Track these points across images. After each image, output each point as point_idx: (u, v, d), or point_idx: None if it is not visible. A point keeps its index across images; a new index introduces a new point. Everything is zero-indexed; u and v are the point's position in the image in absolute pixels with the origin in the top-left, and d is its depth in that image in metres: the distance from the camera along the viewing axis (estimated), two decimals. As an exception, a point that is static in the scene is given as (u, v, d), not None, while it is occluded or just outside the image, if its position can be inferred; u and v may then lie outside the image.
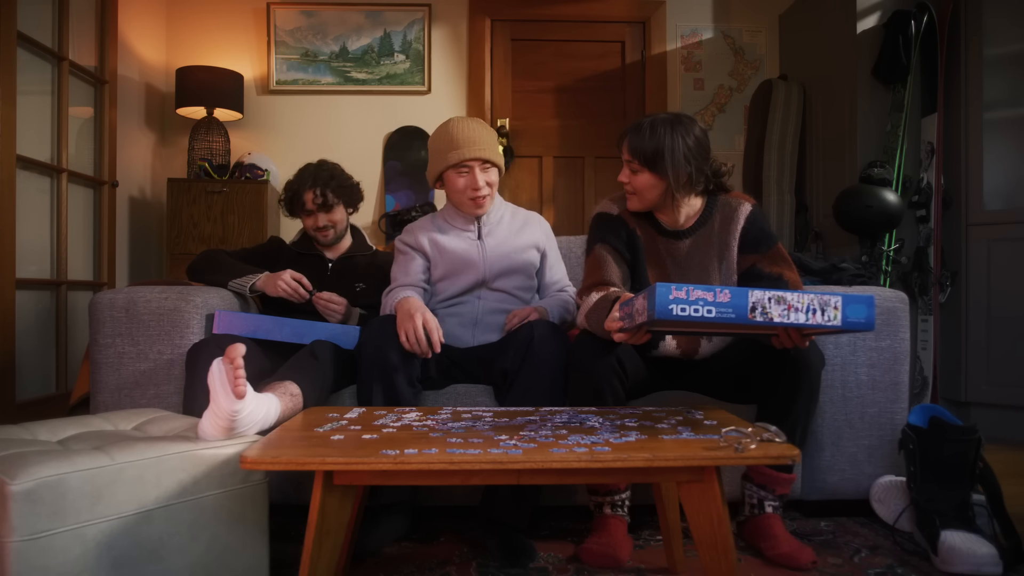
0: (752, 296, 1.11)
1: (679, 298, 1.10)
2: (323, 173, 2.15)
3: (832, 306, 1.13)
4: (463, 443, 1.13)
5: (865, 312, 1.13)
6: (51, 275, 2.91)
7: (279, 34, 3.86)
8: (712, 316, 1.10)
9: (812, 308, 1.12)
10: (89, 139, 3.23)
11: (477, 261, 1.88)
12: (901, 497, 1.67)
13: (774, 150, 3.53)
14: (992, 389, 2.82)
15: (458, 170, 1.84)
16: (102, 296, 1.82)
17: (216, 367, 1.26)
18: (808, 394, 1.56)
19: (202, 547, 1.23)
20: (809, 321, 1.12)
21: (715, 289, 1.11)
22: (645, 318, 1.17)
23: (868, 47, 3.10)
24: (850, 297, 1.14)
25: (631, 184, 1.66)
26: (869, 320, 1.13)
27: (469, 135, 1.83)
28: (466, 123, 1.86)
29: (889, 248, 2.99)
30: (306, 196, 2.13)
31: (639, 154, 1.61)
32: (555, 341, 1.60)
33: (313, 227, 2.15)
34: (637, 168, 1.63)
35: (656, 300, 1.10)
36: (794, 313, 1.12)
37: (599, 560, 1.49)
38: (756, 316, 1.10)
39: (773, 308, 1.11)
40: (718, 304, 1.10)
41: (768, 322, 1.11)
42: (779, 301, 1.11)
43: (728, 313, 1.10)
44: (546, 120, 4.01)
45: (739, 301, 1.11)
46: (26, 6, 2.69)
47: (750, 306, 1.11)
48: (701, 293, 1.10)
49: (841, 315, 1.13)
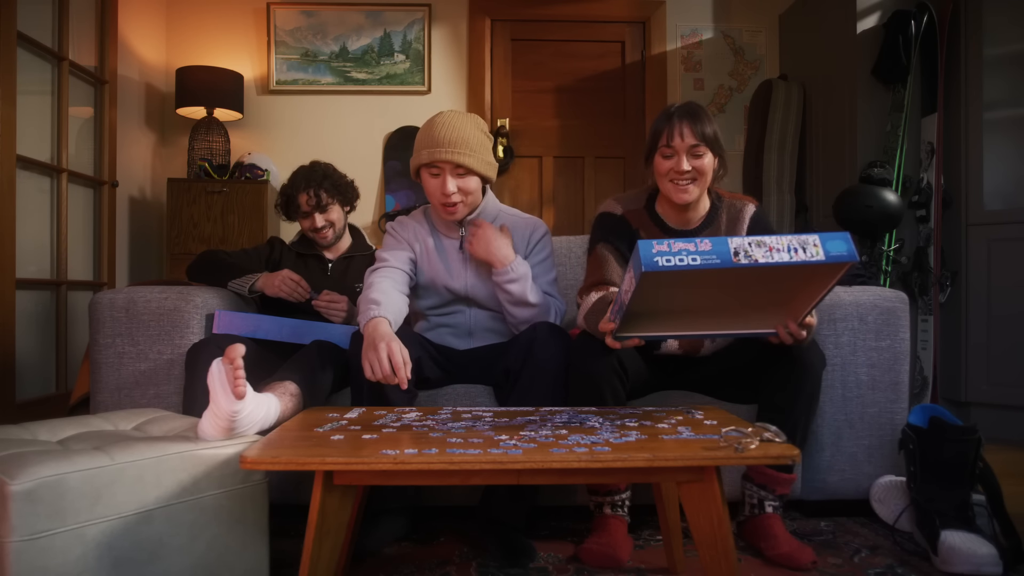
0: (733, 242, 1.12)
1: (662, 251, 1.11)
2: (316, 174, 2.15)
3: (812, 243, 1.13)
4: (463, 443, 1.13)
5: (845, 246, 1.14)
6: (51, 275, 2.91)
7: (279, 34, 3.86)
8: (698, 264, 1.10)
9: (793, 247, 1.13)
10: (89, 139, 3.23)
11: (460, 276, 1.80)
12: (901, 497, 1.67)
13: (774, 150, 3.53)
14: (992, 389, 2.82)
15: (430, 170, 1.71)
16: (102, 296, 1.82)
17: (216, 367, 1.26)
18: (809, 394, 1.56)
19: (202, 547, 1.23)
20: (793, 259, 1.12)
21: (696, 240, 1.12)
22: (634, 286, 1.17)
23: (868, 47, 3.10)
24: (827, 234, 1.15)
25: (695, 169, 1.61)
26: (851, 252, 1.13)
27: (448, 134, 1.67)
28: (451, 120, 1.70)
29: (889, 248, 2.99)
30: (300, 198, 2.12)
31: (704, 136, 1.61)
32: (556, 342, 1.60)
33: (311, 228, 2.15)
34: (703, 151, 1.61)
35: (640, 256, 1.10)
36: (777, 254, 1.12)
37: (599, 560, 1.49)
38: (741, 259, 1.11)
39: (755, 251, 1.12)
40: (701, 252, 1.11)
41: (754, 264, 1.11)
42: (759, 244, 1.12)
43: (712, 259, 1.10)
44: (546, 120, 4.01)
45: (721, 248, 1.12)
46: (26, 6, 2.69)
47: (732, 251, 1.11)
48: (682, 244, 1.11)
49: (823, 250, 1.13)
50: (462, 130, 1.69)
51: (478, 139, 1.71)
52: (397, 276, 1.74)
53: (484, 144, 1.73)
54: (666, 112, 1.64)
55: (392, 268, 1.75)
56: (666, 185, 1.65)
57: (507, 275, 1.70)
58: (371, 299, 1.61)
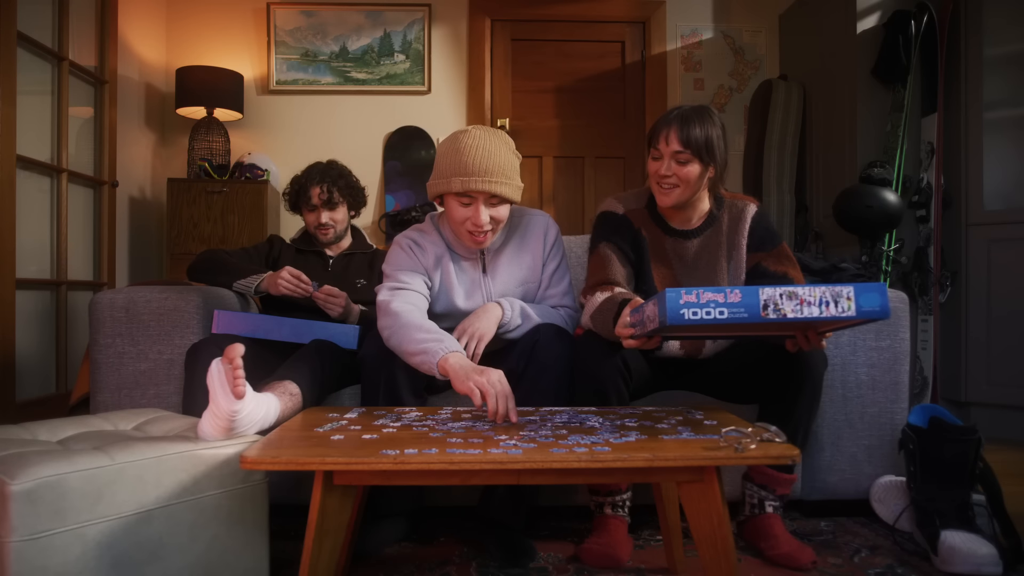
0: (763, 294, 1.08)
1: (690, 302, 1.07)
2: (332, 171, 2.18)
3: (845, 297, 1.09)
4: (463, 443, 1.13)
5: (879, 300, 1.09)
6: (51, 275, 2.91)
7: (279, 34, 3.86)
8: (724, 318, 1.07)
9: (825, 301, 1.09)
10: (89, 139, 3.23)
11: (478, 305, 1.71)
12: (901, 497, 1.67)
13: (774, 150, 3.53)
14: (992, 389, 2.82)
15: (460, 199, 1.60)
16: (102, 296, 1.82)
17: (215, 367, 1.26)
18: (810, 395, 1.56)
19: (202, 547, 1.23)
20: (823, 314, 1.09)
21: (725, 290, 1.08)
22: (656, 325, 1.15)
23: (868, 47, 3.10)
24: (862, 286, 1.11)
25: (677, 176, 1.61)
26: (884, 308, 1.09)
27: (483, 161, 1.55)
28: (482, 143, 1.57)
29: (889, 248, 2.99)
30: (313, 191, 2.14)
31: (691, 144, 1.58)
32: (560, 343, 1.60)
33: (315, 223, 2.16)
34: (687, 159, 1.60)
35: (667, 307, 1.07)
36: (807, 307, 1.08)
37: (599, 560, 1.49)
38: (769, 314, 1.08)
39: (785, 304, 1.08)
40: (730, 305, 1.07)
41: (782, 319, 1.08)
42: (791, 297, 1.08)
43: (740, 313, 1.07)
44: (546, 120, 4.01)
45: (751, 300, 1.08)
46: (26, 6, 2.68)
47: (762, 304, 1.08)
48: (712, 295, 1.07)
49: (855, 305, 1.09)
50: (497, 155, 1.57)
51: (512, 164, 1.61)
52: (422, 304, 1.65)
53: (516, 167, 1.63)
54: (667, 113, 1.65)
55: (414, 293, 1.65)
56: (653, 186, 1.67)
57: (505, 328, 1.67)
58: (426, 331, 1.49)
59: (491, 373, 1.35)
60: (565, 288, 1.79)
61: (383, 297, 1.63)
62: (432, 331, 1.50)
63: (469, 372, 1.37)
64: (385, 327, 1.56)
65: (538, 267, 1.77)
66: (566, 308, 1.78)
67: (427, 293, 1.70)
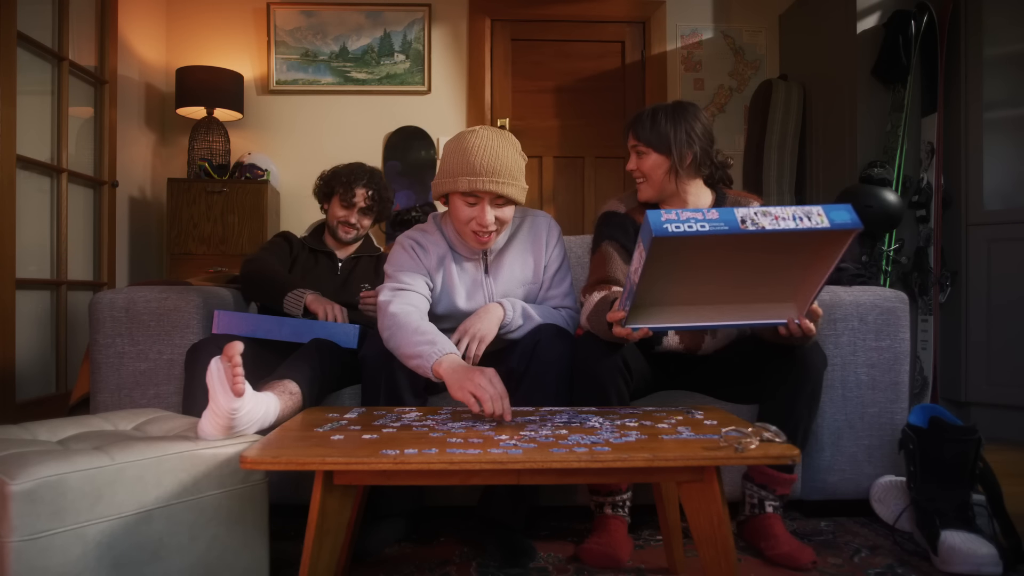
0: (739, 211, 1.13)
1: (671, 219, 1.12)
2: (380, 181, 2.19)
3: (816, 213, 1.15)
4: (463, 443, 1.13)
5: (848, 215, 1.15)
6: (51, 275, 2.91)
7: (279, 34, 3.86)
8: (706, 230, 1.11)
9: (798, 216, 1.14)
10: (89, 139, 3.23)
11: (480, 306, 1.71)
12: (901, 497, 1.67)
13: (774, 150, 3.53)
14: (992, 389, 2.82)
15: (466, 198, 1.61)
16: (102, 296, 1.82)
17: (215, 365, 1.26)
18: (810, 394, 1.56)
19: (202, 547, 1.23)
20: (799, 226, 1.13)
21: (703, 210, 1.13)
22: (643, 260, 1.18)
23: (868, 47, 3.10)
24: (829, 205, 1.17)
25: (639, 169, 1.69)
26: (855, 220, 1.14)
27: (490, 161, 1.56)
28: (489, 143, 1.58)
29: (889, 248, 2.99)
30: (359, 190, 2.15)
31: (643, 136, 1.66)
32: (561, 343, 1.60)
33: (343, 219, 2.17)
34: (643, 150, 1.67)
35: (651, 224, 1.11)
36: (783, 222, 1.13)
37: (599, 560, 1.49)
38: (748, 226, 1.12)
39: (761, 219, 1.13)
40: (709, 220, 1.12)
41: (760, 230, 1.12)
42: (765, 214, 1.13)
43: (721, 226, 1.11)
44: (546, 120, 4.01)
45: (728, 216, 1.13)
46: (26, 6, 2.69)
47: (739, 219, 1.12)
48: (690, 213, 1.12)
49: (827, 218, 1.14)
50: (504, 156, 1.58)
51: (518, 165, 1.62)
52: (422, 305, 1.65)
53: (522, 169, 1.64)
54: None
55: (415, 294, 1.65)
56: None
57: (507, 329, 1.67)
58: (422, 333, 1.49)
59: (484, 374, 1.35)
60: (567, 289, 1.79)
61: (384, 298, 1.63)
62: (428, 333, 1.49)
63: (462, 378, 1.36)
64: (384, 328, 1.57)
65: (540, 268, 1.77)
66: (568, 309, 1.78)
67: (428, 294, 1.70)
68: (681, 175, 1.66)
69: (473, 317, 1.65)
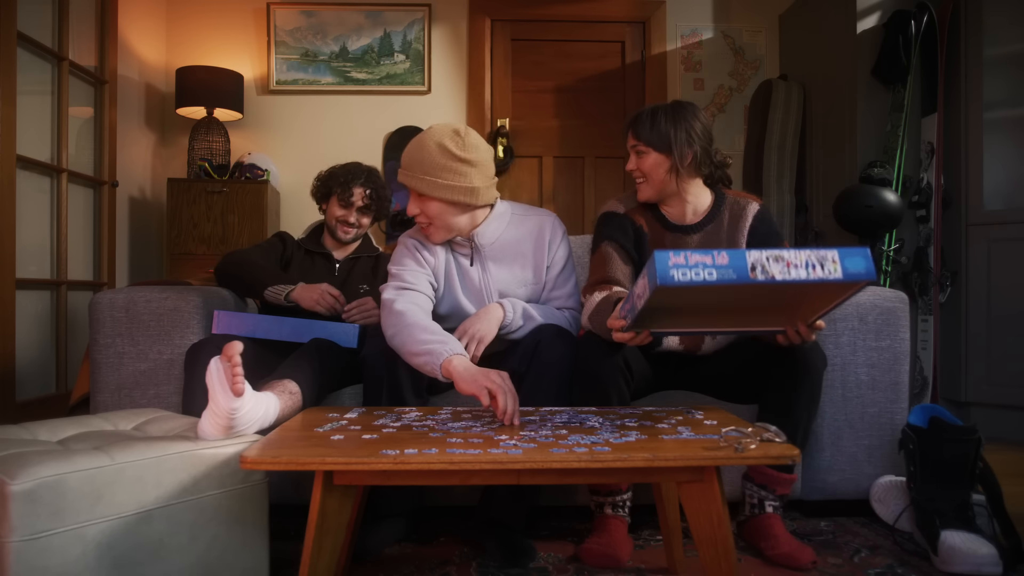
0: (750, 256, 1.09)
1: (679, 263, 1.08)
2: (378, 180, 2.19)
3: (830, 260, 1.10)
4: (463, 443, 1.13)
5: (864, 263, 1.11)
6: (51, 275, 2.91)
7: (279, 34, 3.86)
8: (714, 279, 1.08)
9: (811, 263, 1.10)
10: (89, 139, 3.23)
11: (481, 305, 1.72)
12: (901, 497, 1.67)
13: (774, 150, 3.53)
14: (992, 389, 2.82)
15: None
16: (102, 296, 1.82)
17: (214, 365, 1.26)
18: (810, 394, 1.56)
19: (202, 547, 1.23)
20: (810, 276, 1.09)
21: (712, 252, 1.09)
22: (648, 294, 1.16)
23: (868, 47, 3.10)
24: (846, 250, 1.12)
25: (639, 169, 1.68)
26: (870, 270, 1.10)
27: (408, 155, 1.63)
28: (421, 138, 1.63)
29: (889, 248, 2.99)
30: (356, 190, 2.14)
31: (643, 136, 1.65)
32: (562, 343, 1.60)
33: (342, 219, 2.16)
34: (643, 150, 1.67)
35: (656, 268, 1.08)
36: (794, 270, 1.09)
37: (599, 560, 1.49)
38: (758, 275, 1.08)
39: (773, 266, 1.09)
40: (718, 267, 1.08)
41: (770, 280, 1.09)
42: (777, 259, 1.09)
43: (729, 274, 1.08)
44: (546, 120, 4.01)
45: (738, 262, 1.09)
46: (26, 6, 2.69)
47: (750, 266, 1.09)
48: (699, 257, 1.08)
49: (841, 268, 1.10)
50: (423, 152, 1.60)
51: (438, 163, 1.60)
52: (426, 305, 1.65)
53: (448, 168, 1.60)
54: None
55: (419, 293, 1.65)
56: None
57: (507, 330, 1.66)
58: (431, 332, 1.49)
59: (500, 374, 1.35)
60: (571, 290, 1.78)
61: (388, 296, 1.63)
62: (436, 332, 1.50)
63: (475, 375, 1.36)
64: (389, 326, 1.56)
65: (541, 268, 1.76)
66: (571, 310, 1.77)
67: (432, 294, 1.70)
68: (682, 174, 1.66)
69: (473, 318, 1.65)
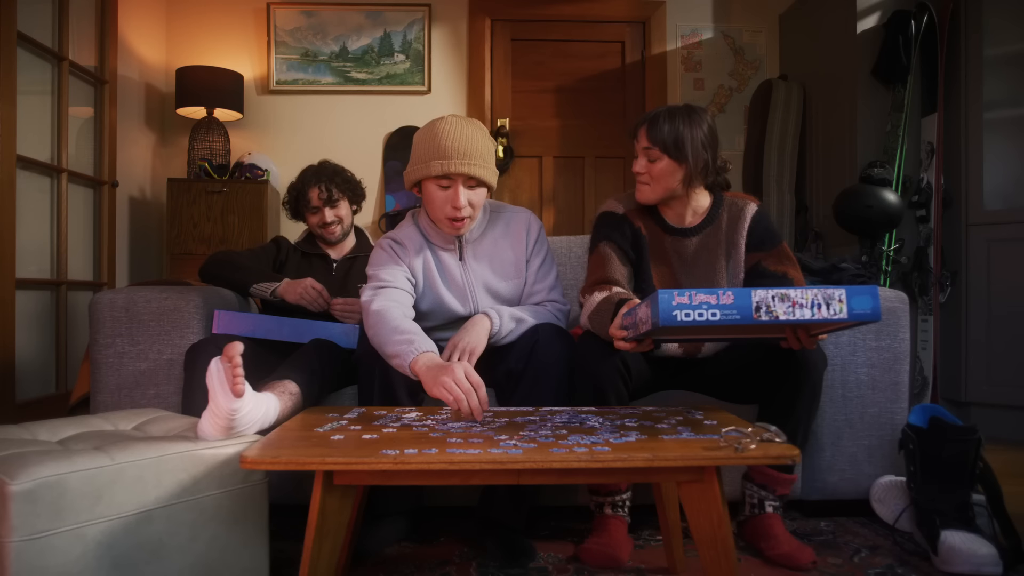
0: (756, 296, 1.09)
1: (682, 303, 1.08)
2: (326, 170, 2.19)
3: (837, 299, 1.10)
4: (463, 443, 1.13)
5: (871, 303, 1.10)
6: (51, 275, 2.91)
7: (279, 34, 3.86)
8: (717, 319, 1.08)
9: (817, 303, 1.10)
10: (89, 139, 3.23)
11: (466, 302, 1.72)
12: (901, 497, 1.67)
13: (774, 150, 3.53)
14: (992, 389, 2.82)
15: (439, 182, 1.61)
16: (102, 296, 1.82)
17: (214, 366, 1.26)
18: (810, 394, 1.56)
19: (202, 547, 1.23)
20: (815, 316, 1.10)
21: (718, 292, 1.08)
22: (649, 326, 1.15)
23: (868, 47, 3.10)
24: (854, 289, 1.12)
25: (648, 173, 1.65)
26: (875, 311, 1.10)
27: (460, 144, 1.58)
28: (459, 128, 1.60)
29: (889, 248, 2.99)
30: (311, 193, 2.15)
31: (659, 140, 1.62)
32: (560, 343, 1.60)
33: (320, 224, 2.17)
34: (656, 156, 1.63)
35: (659, 308, 1.08)
36: (799, 310, 1.09)
37: (599, 560, 1.49)
38: (761, 316, 1.08)
39: (777, 306, 1.09)
40: (722, 307, 1.08)
41: (774, 320, 1.09)
42: (783, 299, 1.09)
43: (733, 315, 1.08)
44: (546, 120, 4.01)
45: (743, 302, 1.09)
46: (26, 6, 2.69)
47: (754, 306, 1.09)
48: (704, 297, 1.08)
49: (847, 307, 1.10)
50: (473, 140, 1.60)
51: (488, 149, 1.63)
52: (404, 300, 1.64)
53: (492, 152, 1.66)
54: (647, 112, 1.69)
55: (396, 289, 1.64)
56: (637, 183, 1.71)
57: (496, 338, 1.65)
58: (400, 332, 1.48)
59: (455, 370, 1.32)
60: (551, 283, 1.78)
61: (365, 297, 1.63)
62: (406, 332, 1.48)
63: (436, 375, 1.34)
64: (369, 327, 1.56)
65: (521, 263, 1.76)
66: (553, 303, 1.77)
67: (411, 289, 1.69)
68: (693, 182, 1.65)
69: (461, 331, 1.64)
